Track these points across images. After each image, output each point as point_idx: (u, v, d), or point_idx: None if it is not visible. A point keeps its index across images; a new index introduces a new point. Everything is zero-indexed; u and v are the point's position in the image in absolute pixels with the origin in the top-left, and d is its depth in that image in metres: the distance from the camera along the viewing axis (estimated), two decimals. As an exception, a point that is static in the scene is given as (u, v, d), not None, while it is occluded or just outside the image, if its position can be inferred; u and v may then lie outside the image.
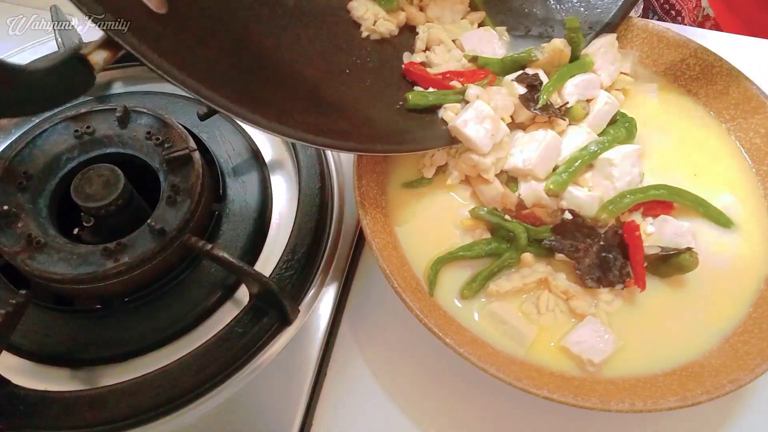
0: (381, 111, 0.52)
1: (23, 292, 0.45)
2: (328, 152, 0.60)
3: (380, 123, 0.50)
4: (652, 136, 0.56)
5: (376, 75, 0.54)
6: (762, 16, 0.95)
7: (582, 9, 0.60)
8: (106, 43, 0.34)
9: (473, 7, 0.62)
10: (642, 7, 1.06)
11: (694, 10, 1.02)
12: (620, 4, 0.58)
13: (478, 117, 0.50)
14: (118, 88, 0.67)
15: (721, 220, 0.51)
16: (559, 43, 0.55)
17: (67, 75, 0.33)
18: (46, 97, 0.33)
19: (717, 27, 0.98)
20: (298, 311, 0.50)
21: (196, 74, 0.36)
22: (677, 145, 0.56)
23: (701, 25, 1.01)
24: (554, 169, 0.52)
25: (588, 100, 0.55)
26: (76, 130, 0.53)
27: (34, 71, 0.31)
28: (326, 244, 0.54)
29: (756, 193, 0.54)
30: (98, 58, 0.34)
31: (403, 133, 0.51)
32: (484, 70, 0.56)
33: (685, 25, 1.00)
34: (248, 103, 0.40)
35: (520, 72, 0.55)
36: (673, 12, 1.03)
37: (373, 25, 0.57)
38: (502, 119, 0.52)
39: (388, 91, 0.54)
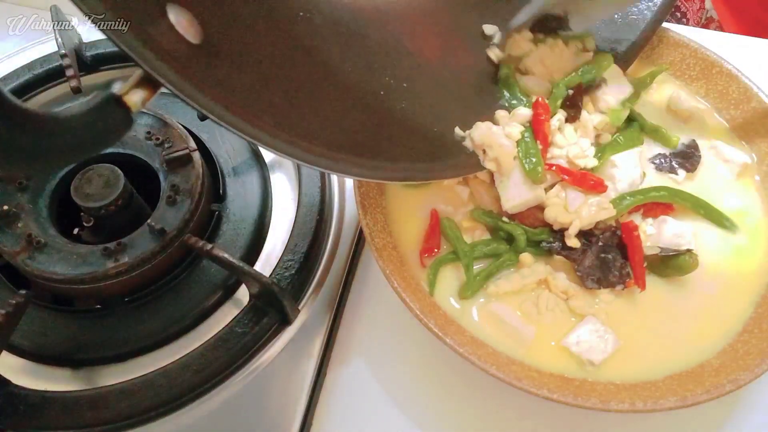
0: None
1: (23, 292, 0.45)
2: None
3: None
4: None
5: (412, 96, 0.49)
6: (766, 18, 0.95)
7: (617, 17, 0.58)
8: (143, 81, 0.31)
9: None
10: None
11: (698, 12, 1.02)
12: (655, 9, 0.56)
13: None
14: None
15: (723, 222, 0.51)
16: None
17: (102, 120, 0.30)
18: (80, 145, 0.30)
19: (721, 29, 0.99)
20: (298, 311, 0.50)
21: (242, 110, 0.34)
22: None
23: (705, 27, 1.01)
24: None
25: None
26: (76, 130, 0.53)
27: (68, 118, 0.29)
28: (326, 244, 0.54)
29: (757, 194, 0.54)
30: (136, 98, 0.31)
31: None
32: (595, 179, 0.49)
33: (690, 26, 1.00)
34: (321, 146, 0.38)
35: None
36: (678, 14, 1.03)
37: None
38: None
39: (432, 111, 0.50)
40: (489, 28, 0.56)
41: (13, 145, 0.27)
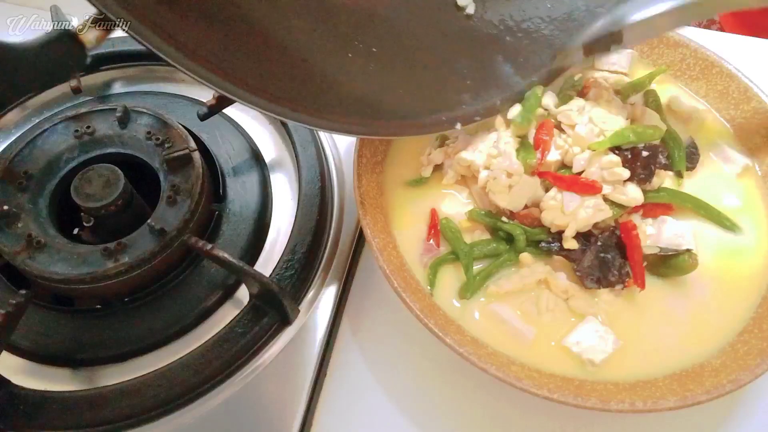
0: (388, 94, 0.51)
1: (23, 292, 0.45)
2: (329, 152, 0.60)
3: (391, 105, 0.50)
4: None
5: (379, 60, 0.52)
6: (765, 19, 0.95)
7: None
8: (98, 20, 0.33)
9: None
10: None
11: None
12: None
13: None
14: (118, 88, 0.67)
15: (724, 222, 0.51)
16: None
17: (58, 53, 0.32)
18: (35, 77, 0.32)
19: (722, 30, 0.99)
20: (298, 311, 0.50)
21: (192, 53, 0.37)
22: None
23: (707, 28, 1.01)
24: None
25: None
26: (76, 130, 0.53)
27: (24, 50, 0.30)
28: (326, 244, 0.54)
29: (757, 194, 0.54)
30: (90, 36, 0.33)
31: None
32: (588, 181, 0.48)
33: (691, 26, 1.00)
34: (272, 94, 0.41)
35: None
36: None
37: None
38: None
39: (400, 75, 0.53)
40: (462, 0, 0.56)
41: None
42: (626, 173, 0.48)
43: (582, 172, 0.49)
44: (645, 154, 0.49)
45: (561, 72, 0.57)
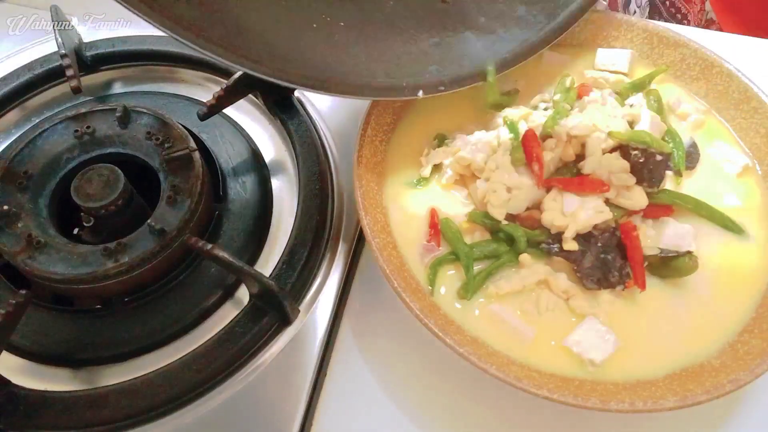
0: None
1: (23, 292, 0.45)
2: (329, 152, 0.60)
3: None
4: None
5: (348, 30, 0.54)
6: (764, 19, 0.95)
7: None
8: None
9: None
10: (648, 10, 1.06)
11: (699, 14, 1.02)
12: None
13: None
14: (118, 88, 0.67)
15: (727, 224, 0.51)
16: None
17: None
18: None
19: (721, 30, 0.99)
20: (298, 311, 0.50)
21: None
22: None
23: (706, 28, 1.01)
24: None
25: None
26: (76, 130, 0.53)
27: None
28: (326, 244, 0.54)
29: (757, 193, 0.54)
30: None
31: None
32: (596, 181, 0.49)
33: (690, 27, 1.00)
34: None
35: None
36: (678, 15, 1.03)
37: None
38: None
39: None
40: None
41: None
42: (632, 180, 0.48)
43: (589, 174, 0.49)
44: (659, 158, 0.49)
45: (533, 52, 0.57)
